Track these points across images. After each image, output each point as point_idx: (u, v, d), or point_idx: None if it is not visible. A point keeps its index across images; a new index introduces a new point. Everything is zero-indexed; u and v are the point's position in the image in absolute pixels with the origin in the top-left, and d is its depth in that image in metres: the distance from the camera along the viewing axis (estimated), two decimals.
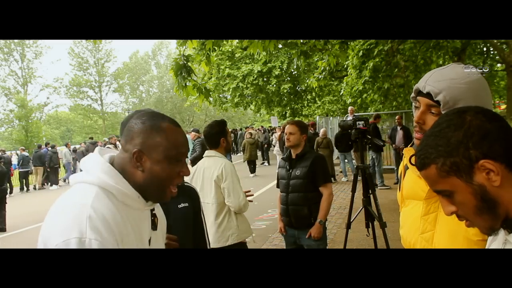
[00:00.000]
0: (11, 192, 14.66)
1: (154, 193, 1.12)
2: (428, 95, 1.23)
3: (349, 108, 11.01)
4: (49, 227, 0.98)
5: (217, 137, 2.97)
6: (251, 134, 14.04)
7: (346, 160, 10.58)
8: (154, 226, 1.20)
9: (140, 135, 1.09)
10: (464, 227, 1.13)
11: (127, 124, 1.13)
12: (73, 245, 0.92)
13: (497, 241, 0.88)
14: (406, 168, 1.39)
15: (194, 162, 9.02)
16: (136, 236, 1.08)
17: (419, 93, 1.28)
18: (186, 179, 2.34)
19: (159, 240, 1.26)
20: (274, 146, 14.03)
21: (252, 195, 3.21)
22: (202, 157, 3.09)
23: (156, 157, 1.09)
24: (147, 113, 1.14)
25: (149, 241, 1.17)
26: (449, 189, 0.84)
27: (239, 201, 2.85)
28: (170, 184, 1.13)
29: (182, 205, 1.77)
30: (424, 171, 0.87)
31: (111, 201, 1.04)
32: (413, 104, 1.33)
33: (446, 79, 1.20)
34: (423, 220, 1.26)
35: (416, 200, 1.32)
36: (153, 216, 1.21)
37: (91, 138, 19.35)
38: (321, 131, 10.38)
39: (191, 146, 10.05)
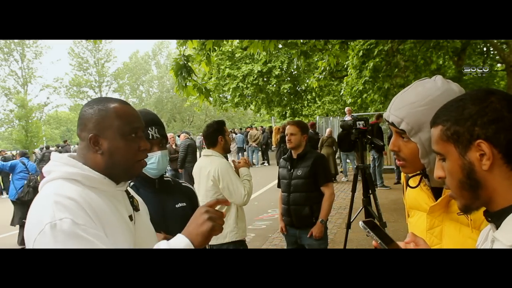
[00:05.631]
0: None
1: (120, 172, 1.15)
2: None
3: (346, 108, 11.06)
4: (26, 230, 1.02)
5: (215, 135, 2.99)
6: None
7: (348, 160, 10.62)
8: (134, 206, 1.22)
9: (91, 120, 1.13)
10: (471, 239, 1.10)
11: (79, 114, 1.17)
12: (47, 232, 0.94)
13: (488, 241, 0.88)
14: (408, 177, 1.37)
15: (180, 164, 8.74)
16: (113, 213, 1.10)
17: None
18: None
19: (144, 221, 1.27)
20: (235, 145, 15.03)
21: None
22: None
23: (111, 137, 1.13)
24: (95, 99, 1.20)
25: (131, 218, 1.18)
26: (443, 153, 0.87)
27: (242, 198, 2.89)
28: (134, 160, 1.16)
29: (180, 204, 1.76)
30: (433, 128, 0.91)
31: (78, 187, 1.06)
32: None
33: (406, 105, 1.16)
34: (429, 234, 1.25)
35: (420, 212, 1.31)
36: (131, 198, 1.23)
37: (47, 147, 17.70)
38: (327, 131, 10.91)
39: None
